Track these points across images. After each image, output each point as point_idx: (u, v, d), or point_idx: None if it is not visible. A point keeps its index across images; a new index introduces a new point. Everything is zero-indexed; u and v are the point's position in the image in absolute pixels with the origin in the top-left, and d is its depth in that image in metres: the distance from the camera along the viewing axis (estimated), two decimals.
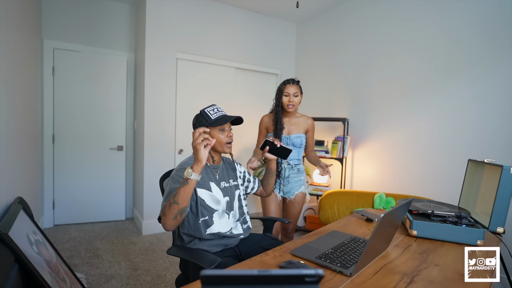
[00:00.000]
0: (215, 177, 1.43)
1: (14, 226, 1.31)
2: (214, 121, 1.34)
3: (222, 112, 1.39)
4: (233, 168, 1.55)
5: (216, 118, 1.34)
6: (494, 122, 2.22)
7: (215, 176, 1.43)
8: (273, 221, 1.72)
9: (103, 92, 3.42)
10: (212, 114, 1.35)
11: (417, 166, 2.71)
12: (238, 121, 1.40)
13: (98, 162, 3.44)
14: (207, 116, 1.35)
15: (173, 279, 2.26)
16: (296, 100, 1.97)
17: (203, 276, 0.44)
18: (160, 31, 3.15)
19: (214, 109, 1.37)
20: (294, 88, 1.97)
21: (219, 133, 1.36)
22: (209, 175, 1.41)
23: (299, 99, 2.00)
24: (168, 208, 1.17)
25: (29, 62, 2.44)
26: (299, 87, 2.00)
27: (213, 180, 1.41)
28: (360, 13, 3.24)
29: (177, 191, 1.16)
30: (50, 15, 3.15)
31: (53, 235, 3.01)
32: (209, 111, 1.36)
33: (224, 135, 1.37)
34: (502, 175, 1.22)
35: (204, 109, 1.38)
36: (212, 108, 1.38)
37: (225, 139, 1.38)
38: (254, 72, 3.93)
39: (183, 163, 1.37)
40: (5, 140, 1.62)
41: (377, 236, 0.95)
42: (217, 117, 1.35)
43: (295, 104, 1.98)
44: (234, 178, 1.52)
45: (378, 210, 2.08)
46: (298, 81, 2.02)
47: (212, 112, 1.36)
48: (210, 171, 1.42)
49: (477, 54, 2.31)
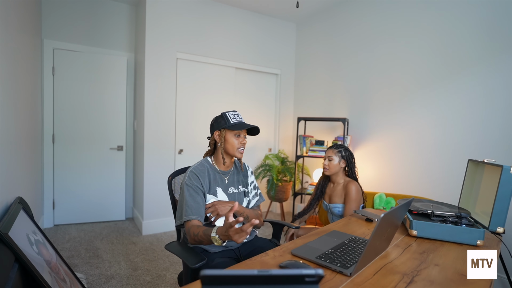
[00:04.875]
0: (223, 182, 1.45)
1: (14, 226, 1.31)
2: (232, 125, 1.40)
3: (242, 119, 1.45)
4: (245, 174, 1.58)
5: (234, 123, 1.41)
6: (494, 122, 2.22)
7: (224, 181, 1.46)
8: (281, 226, 1.72)
9: (103, 92, 3.42)
10: (232, 118, 1.42)
11: (417, 166, 2.71)
12: (254, 132, 1.46)
13: (98, 162, 3.44)
14: (227, 119, 1.41)
15: (173, 279, 2.26)
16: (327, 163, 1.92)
17: (203, 276, 0.44)
18: (160, 31, 3.15)
19: (235, 115, 1.44)
20: (328, 151, 1.93)
21: (234, 138, 1.42)
22: (217, 180, 1.44)
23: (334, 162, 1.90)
24: (193, 240, 1.24)
25: (29, 62, 2.44)
26: (335, 151, 1.92)
27: (220, 185, 1.43)
28: (360, 13, 3.24)
29: (203, 240, 1.19)
30: (50, 15, 3.15)
31: (53, 235, 3.01)
32: (230, 114, 1.42)
33: (238, 140, 1.42)
34: (502, 175, 1.22)
35: (225, 112, 1.44)
36: (233, 113, 1.44)
37: (238, 144, 1.42)
38: (254, 72, 3.93)
39: (194, 169, 1.40)
40: (5, 140, 1.62)
41: (377, 236, 0.95)
42: (236, 122, 1.41)
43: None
44: (244, 184, 1.55)
45: (378, 210, 2.07)
46: (336, 146, 1.95)
47: (233, 116, 1.42)
48: (219, 176, 1.45)
49: (478, 54, 2.31)
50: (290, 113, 4.21)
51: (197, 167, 1.41)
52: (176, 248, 1.31)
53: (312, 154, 3.33)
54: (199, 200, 1.33)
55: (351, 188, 1.81)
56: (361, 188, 1.89)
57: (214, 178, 1.43)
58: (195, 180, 1.36)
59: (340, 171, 1.91)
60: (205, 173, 1.40)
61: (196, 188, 1.34)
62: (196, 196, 1.33)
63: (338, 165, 1.89)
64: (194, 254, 1.22)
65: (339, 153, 1.89)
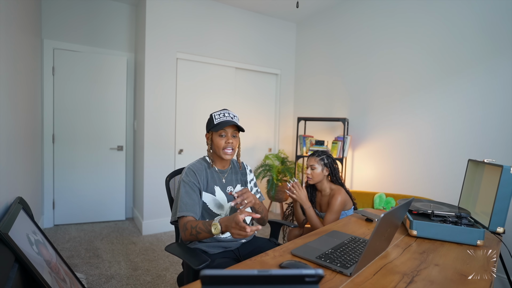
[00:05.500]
0: (221, 181, 1.43)
1: (14, 226, 1.31)
2: (214, 126, 1.36)
3: (227, 118, 1.37)
4: (243, 173, 1.55)
5: (217, 123, 1.36)
6: (494, 122, 2.22)
7: (221, 180, 1.43)
8: (279, 225, 1.71)
9: (103, 92, 3.42)
10: (217, 118, 1.37)
11: (417, 166, 2.71)
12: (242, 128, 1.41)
13: (98, 162, 3.44)
14: (212, 120, 1.38)
15: (173, 279, 2.26)
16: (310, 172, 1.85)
17: (203, 276, 0.44)
18: (160, 31, 3.15)
19: (221, 114, 1.38)
20: (310, 160, 1.85)
21: (218, 138, 1.37)
22: (215, 178, 1.41)
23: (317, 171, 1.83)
24: (188, 234, 1.22)
25: (29, 62, 2.44)
26: (317, 159, 1.84)
27: (218, 184, 1.41)
28: (360, 13, 3.24)
29: (201, 232, 1.18)
30: (50, 15, 3.15)
31: (53, 235, 3.01)
32: (215, 115, 1.38)
33: (223, 140, 1.36)
34: (502, 175, 1.22)
35: (213, 112, 1.40)
36: (220, 112, 1.38)
37: (223, 144, 1.36)
38: (254, 72, 3.93)
39: (192, 166, 1.38)
40: (5, 140, 1.62)
41: (377, 236, 0.95)
42: (219, 121, 1.36)
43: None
44: (243, 183, 1.52)
45: (378, 210, 2.07)
46: (317, 153, 1.87)
47: (217, 116, 1.37)
48: (217, 175, 1.43)
49: (478, 54, 2.31)
50: (290, 113, 4.21)
51: (195, 165, 1.40)
52: (177, 249, 1.29)
53: None
54: (194, 198, 1.31)
55: (336, 198, 1.74)
56: (347, 192, 1.83)
57: (211, 176, 1.40)
58: (192, 176, 1.34)
59: (324, 179, 1.84)
60: (202, 171, 1.38)
61: (193, 184, 1.33)
62: (192, 193, 1.31)
63: (321, 174, 1.81)
64: (196, 255, 1.20)
65: (321, 161, 1.81)
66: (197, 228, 1.19)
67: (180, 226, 1.27)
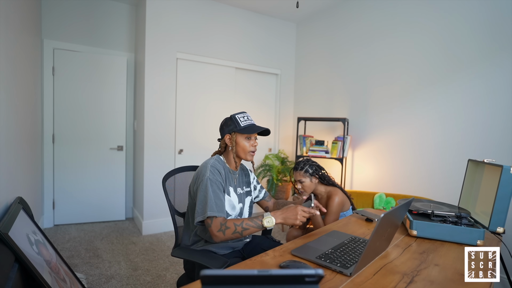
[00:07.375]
0: (233, 183, 1.44)
1: (14, 226, 1.31)
2: (243, 128, 1.36)
3: (252, 121, 1.41)
4: (247, 174, 1.57)
5: (245, 126, 1.37)
6: (494, 122, 2.22)
7: (234, 182, 1.44)
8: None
9: (103, 92, 3.42)
10: (242, 121, 1.38)
11: (417, 166, 2.71)
12: (264, 133, 1.42)
13: (98, 162, 3.44)
14: (237, 122, 1.37)
15: (173, 279, 2.26)
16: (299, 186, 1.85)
17: (203, 276, 0.44)
18: (160, 31, 3.15)
19: (245, 117, 1.40)
20: (295, 175, 1.85)
21: (245, 141, 1.38)
22: (230, 180, 1.42)
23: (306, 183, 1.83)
24: (231, 233, 1.20)
25: (29, 62, 2.44)
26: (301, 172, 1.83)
27: (232, 185, 1.42)
28: (360, 13, 3.24)
29: (249, 228, 1.20)
30: (50, 15, 3.15)
31: (53, 235, 3.01)
32: (239, 117, 1.38)
33: (250, 143, 1.39)
34: (502, 175, 1.22)
35: (234, 114, 1.40)
36: (243, 115, 1.40)
37: (249, 147, 1.39)
38: (254, 72, 3.93)
39: (214, 165, 1.34)
40: (5, 140, 1.62)
41: (377, 236, 0.95)
42: (246, 125, 1.37)
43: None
44: (247, 184, 1.54)
45: (378, 210, 2.07)
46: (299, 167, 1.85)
47: (242, 119, 1.38)
48: (231, 177, 1.43)
49: (478, 53, 2.31)
50: (290, 113, 4.21)
51: (216, 164, 1.35)
52: (187, 253, 1.26)
53: (312, 154, 3.33)
54: (222, 198, 1.28)
55: (332, 200, 1.75)
56: (343, 192, 1.83)
57: (227, 177, 1.39)
58: (218, 176, 1.31)
59: (316, 185, 1.85)
60: (222, 170, 1.36)
61: (219, 184, 1.30)
62: (219, 193, 1.28)
63: (312, 184, 1.82)
64: (214, 257, 1.19)
65: (306, 173, 1.80)
66: (243, 225, 1.19)
67: (213, 225, 1.20)
